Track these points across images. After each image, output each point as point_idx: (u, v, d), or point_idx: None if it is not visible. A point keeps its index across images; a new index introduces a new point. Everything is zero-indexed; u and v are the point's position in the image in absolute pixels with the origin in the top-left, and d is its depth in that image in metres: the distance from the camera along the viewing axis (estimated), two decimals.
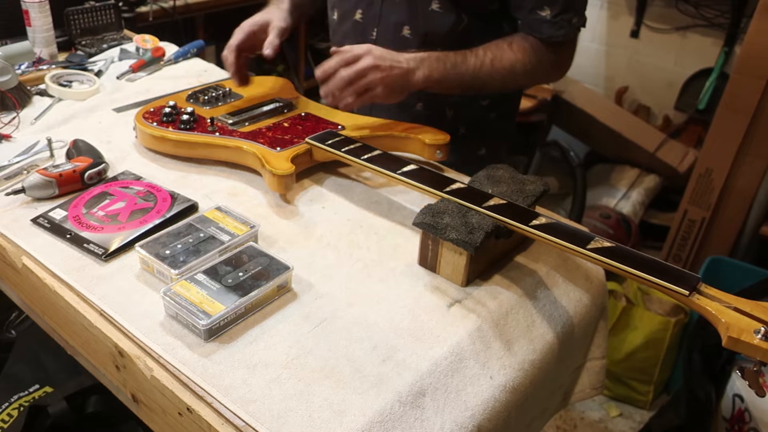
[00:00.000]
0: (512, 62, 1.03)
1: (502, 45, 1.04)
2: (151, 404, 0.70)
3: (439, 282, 0.79)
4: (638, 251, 0.68)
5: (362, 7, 1.14)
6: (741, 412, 1.51)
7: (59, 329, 0.82)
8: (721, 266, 1.92)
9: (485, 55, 1.02)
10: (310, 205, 0.93)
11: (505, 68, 1.03)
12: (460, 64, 1.01)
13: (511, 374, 0.72)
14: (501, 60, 1.03)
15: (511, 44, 1.04)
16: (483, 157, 1.24)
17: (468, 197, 0.80)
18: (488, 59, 1.02)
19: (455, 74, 1.01)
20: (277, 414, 0.61)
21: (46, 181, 0.90)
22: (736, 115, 1.89)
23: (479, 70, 1.02)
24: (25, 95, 1.19)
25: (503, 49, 1.03)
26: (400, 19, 1.10)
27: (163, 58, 1.40)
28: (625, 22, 2.61)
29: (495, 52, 1.03)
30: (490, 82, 1.04)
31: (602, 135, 2.53)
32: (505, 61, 1.03)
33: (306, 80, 3.19)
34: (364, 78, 0.95)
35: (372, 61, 0.95)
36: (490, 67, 1.02)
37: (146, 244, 0.78)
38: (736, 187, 1.97)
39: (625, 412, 1.92)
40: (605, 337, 0.92)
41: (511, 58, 1.03)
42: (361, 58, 0.95)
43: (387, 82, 0.96)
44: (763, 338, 0.57)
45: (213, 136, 1.00)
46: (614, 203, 2.44)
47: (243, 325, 0.71)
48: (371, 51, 0.96)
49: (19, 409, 1.21)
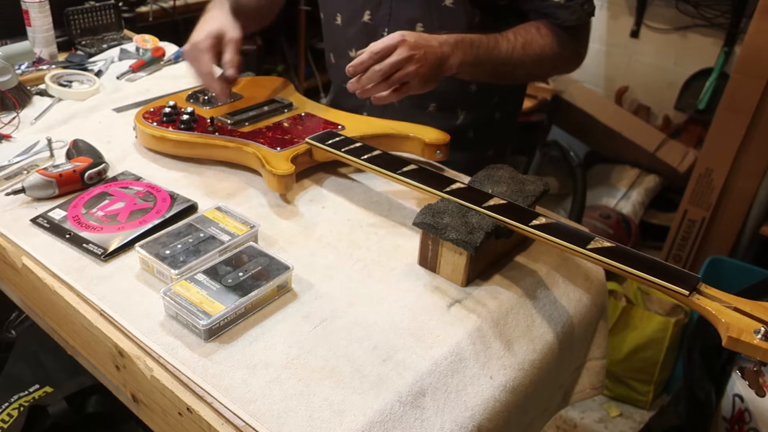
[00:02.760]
0: (542, 47, 1.01)
1: (530, 29, 1.01)
2: (151, 404, 0.70)
3: (439, 282, 0.79)
4: (638, 251, 0.68)
5: (370, 8, 1.11)
6: (741, 412, 1.51)
7: (59, 329, 0.82)
8: (721, 266, 1.92)
9: (516, 40, 1.00)
10: (310, 205, 0.93)
11: (536, 53, 1.01)
12: (493, 48, 0.98)
13: (511, 374, 0.72)
14: (532, 44, 1.00)
15: (539, 29, 1.01)
16: (490, 159, 1.22)
17: (468, 197, 0.80)
18: (519, 44, 1.00)
19: (488, 58, 0.98)
20: (277, 414, 0.61)
21: (46, 181, 0.90)
22: (736, 115, 1.89)
23: (511, 54, 0.99)
24: (25, 95, 1.19)
25: (533, 34, 1.01)
26: (412, 15, 1.07)
27: (163, 58, 1.40)
28: (625, 22, 2.61)
29: (525, 37, 1.00)
30: (519, 68, 1.02)
31: (602, 135, 2.53)
32: (536, 46, 1.01)
33: (306, 80, 3.19)
34: (399, 71, 0.90)
35: (407, 52, 0.89)
36: (522, 52, 1.00)
37: (146, 244, 0.78)
38: (736, 187, 1.97)
39: (625, 412, 1.92)
40: (605, 337, 0.92)
41: (541, 43, 1.01)
42: (396, 50, 0.89)
43: (422, 73, 0.91)
44: (763, 338, 0.57)
45: (213, 136, 1.00)
46: (614, 203, 2.44)
47: (243, 325, 0.71)
48: (405, 40, 0.89)
49: (19, 409, 1.21)
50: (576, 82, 2.65)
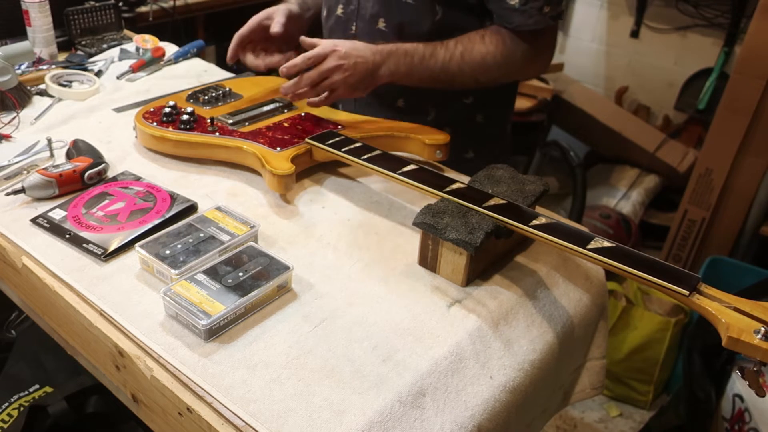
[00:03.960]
0: (483, 55, 1.02)
1: (474, 37, 1.03)
2: (151, 404, 0.70)
3: (439, 282, 0.79)
4: (638, 251, 0.68)
5: (342, 3, 1.15)
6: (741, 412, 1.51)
7: (59, 329, 0.82)
8: (721, 266, 1.92)
9: (455, 48, 1.02)
10: (310, 205, 0.93)
11: (475, 61, 1.02)
12: (428, 58, 1.01)
13: (511, 374, 0.72)
14: (471, 53, 1.02)
15: (483, 36, 1.03)
16: (470, 161, 1.21)
17: (468, 197, 0.80)
18: (458, 52, 1.02)
19: (423, 68, 1.01)
20: (277, 414, 0.61)
21: (46, 181, 0.90)
22: (736, 115, 1.89)
23: (449, 63, 1.02)
24: (25, 95, 1.19)
25: (474, 42, 1.03)
26: (375, 12, 1.10)
27: (163, 58, 1.40)
28: (625, 22, 2.61)
29: (466, 45, 1.02)
30: (459, 76, 1.04)
31: (602, 135, 2.53)
32: (476, 54, 1.02)
33: None
34: (326, 79, 0.97)
35: (335, 62, 0.96)
36: (459, 60, 1.02)
37: (146, 244, 0.78)
38: (736, 187, 1.97)
39: (625, 412, 1.92)
40: (605, 337, 0.92)
41: (482, 51, 1.02)
42: (326, 59, 0.96)
43: (350, 82, 0.97)
44: (763, 338, 0.57)
45: (213, 136, 1.00)
46: (614, 203, 2.44)
47: (243, 325, 0.71)
48: (336, 50, 0.96)
49: (19, 409, 1.21)
50: (576, 82, 2.65)
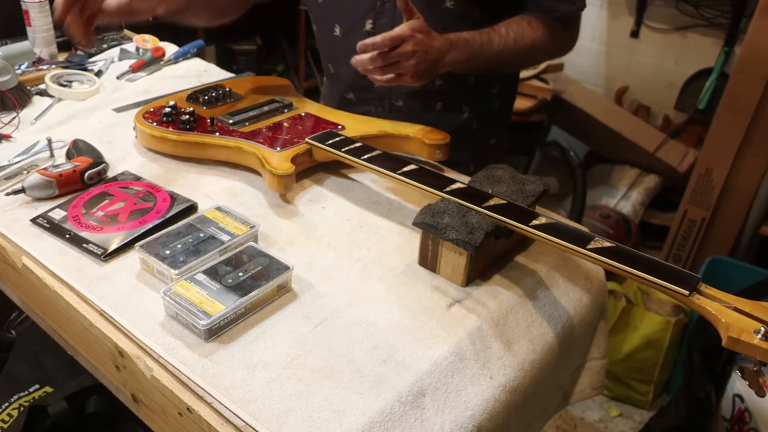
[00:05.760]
0: (533, 40, 1.06)
1: (522, 23, 1.06)
2: (151, 404, 0.70)
3: (439, 282, 0.79)
4: (638, 251, 0.68)
5: (372, 17, 1.12)
6: (741, 412, 1.51)
7: (59, 329, 0.82)
8: (721, 266, 1.92)
9: (508, 34, 1.05)
10: (310, 205, 0.93)
11: (527, 46, 1.06)
12: (485, 45, 1.04)
13: (511, 374, 0.72)
14: (523, 38, 1.06)
15: (530, 23, 1.07)
16: (494, 147, 1.28)
17: (468, 197, 0.80)
18: (511, 38, 1.05)
19: (481, 54, 1.04)
20: (277, 414, 0.61)
21: (46, 181, 0.90)
22: (736, 115, 1.89)
23: (503, 49, 1.05)
24: (25, 95, 1.19)
25: (524, 28, 1.06)
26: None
27: (163, 58, 1.40)
28: (625, 22, 2.61)
29: (517, 31, 1.06)
30: (511, 61, 1.08)
31: (602, 135, 2.53)
32: (527, 39, 1.06)
33: (306, 80, 3.19)
34: (399, 64, 0.96)
35: (411, 47, 0.94)
36: (513, 46, 1.05)
37: (146, 244, 0.78)
38: (736, 187, 1.97)
39: (625, 412, 1.92)
40: (605, 337, 0.92)
41: (532, 36, 1.06)
42: (404, 43, 0.94)
43: (419, 69, 0.97)
44: (763, 338, 0.57)
45: (213, 136, 1.00)
46: (614, 203, 2.44)
47: (243, 325, 0.71)
48: (414, 36, 0.95)
49: (19, 409, 1.21)
50: (576, 82, 2.65)
